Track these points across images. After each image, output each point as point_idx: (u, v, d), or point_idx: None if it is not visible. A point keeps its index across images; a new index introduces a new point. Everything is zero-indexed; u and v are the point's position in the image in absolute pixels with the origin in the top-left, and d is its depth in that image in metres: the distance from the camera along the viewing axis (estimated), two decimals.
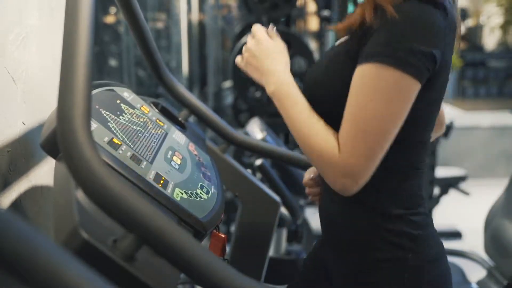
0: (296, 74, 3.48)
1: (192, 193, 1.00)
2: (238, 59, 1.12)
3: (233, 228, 1.93)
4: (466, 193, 3.89)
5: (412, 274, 0.99)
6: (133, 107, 1.16)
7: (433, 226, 1.05)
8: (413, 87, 0.89)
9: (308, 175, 1.24)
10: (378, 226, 1.00)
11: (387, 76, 0.88)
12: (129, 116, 1.10)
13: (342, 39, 1.04)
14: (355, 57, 0.94)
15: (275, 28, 1.12)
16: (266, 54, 1.06)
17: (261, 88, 3.39)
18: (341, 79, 0.97)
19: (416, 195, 1.03)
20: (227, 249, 1.23)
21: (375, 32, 0.91)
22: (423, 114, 0.97)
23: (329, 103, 0.99)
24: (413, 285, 0.99)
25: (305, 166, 1.54)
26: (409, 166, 1.01)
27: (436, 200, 3.82)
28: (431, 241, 1.02)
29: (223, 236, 1.10)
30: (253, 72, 1.08)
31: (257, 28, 1.10)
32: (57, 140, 0.68)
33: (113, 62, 3.98)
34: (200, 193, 1.04)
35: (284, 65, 1.05)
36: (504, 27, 9.92)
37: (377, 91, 0.88)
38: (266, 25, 3.81)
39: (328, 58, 1.05)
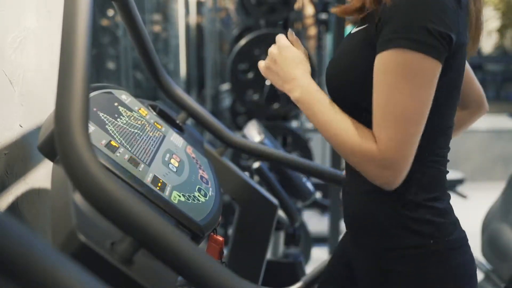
0: None
1: (189, 196, 1.00)
2: (261, 64, 1.12)
3: (230, 231, 1.93)
4: (463, 196, 3.90)
5: (435, 261, 0.99)
6: (131, 110, 1.16)
7: (454, 213, 1.05)
8: (435, 68, 0.90)
9: None
10: (399, 213, 1.00)
11: (408, 60, 0.88)
12: (127, 119, 1.09)
13: (357, 28, 1.04)
14: (373, 45, 0.95)
15: (294, 33, 1.13)
16: (287, 60, 1.07)
17: (259, 91, 3.41)
18: (359, 67, 0.98)
19: (437, 182, 1.03)
20: (225, 252, 1.23)
21: (388, 18, 0.91)
22: (442, 100, 0.97)
23: (350, 93, 1.01)
24: (436, 272, 0.99)
25: (303, 169, 1.54)
26: (431, 153, 1.01)
27: None
28: (452, 228, 1.02)
29: (220, 239, 1.10)
30: (275, 79, 1.09)
31: (280, 36, 1.12)
32: (54, 143, 0.68)
33: (111, 65, 3.98)
34: (198, 196, 1.04)
35: (303, 70, 1.06)
36: (501, 30, 9.96)
37: (401, 76, 0.89)
38: (264, 28, 3.79)
39: (344, 48, 1.06)
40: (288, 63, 1.06)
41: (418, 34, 0.88)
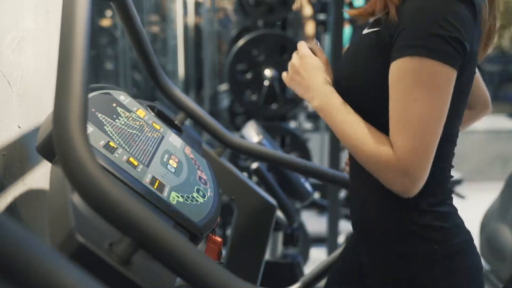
0: None
1: (188, 197, 1.00)
2: (284, 75, 1.13)
3: (229, 232, 1.93)
4: (461, 196, 3.90)
5: (442, 266, 1.00)
6: (129, 111, 1.16)
7: (458, 215, 1.06)
8: (451, 75, 0.90)
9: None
10: (404, 219, 1.01)
11: (425, 67, 0.88)
12: (125, 120, 1.09)
13: (368, 30, 1.04)
14: (385, 49, 0.95)
15: (318, 43, 1.14)
16: (307, 69, 1.07)
17: (257, 92, 3.41)
18: (371, 70, 0.99)
19: (442, 188, 1.04)
20: (223, 252, 1.23)
21: (402, 27, 0.92)
22: (451, 107, 0.96)
23: (358, 94, 1.01)
24: (445, 277, 1.00)
25: (301, 170, 1.54)
26: (438, 160, 1.00)
27: None
28: (458, 231, 1.03)
29: (219, 239, 1.10)
30: (297, 88, 1.10)
31: (301, 44, 1.12)
32: (53, 144, 0.68)
33: (109, 66, 3.98)
34: (196, 196, 1.03)
35: (323, 79, 1.05)
36: (499, 31, 9.97)
37: (418, 84, 0.89)
38: (262, 28, 3.78)
39: (354, 49, 1.07)
40: (308, 72, 1.07)
41: (434, 42, 0.88)
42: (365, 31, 1.05)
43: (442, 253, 1.00)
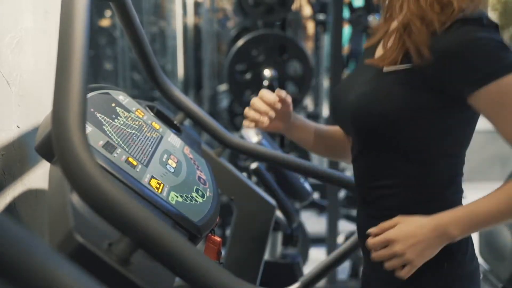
0: (292, 78, 3.50)
1: (187, 197, 1.00)
2: (402, 273, 0.98)
3: (228, 232, 1.93)
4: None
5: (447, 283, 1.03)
6: (128, 111, 1.16)
7: (471, 239, 1.09)
8: None
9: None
10: None
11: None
12: (124, 120, 1.09)
13: (392, 68, 1.02)
14: (426, 86, 0.98)
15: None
16: (408, 235, 0.97)
17: (257, 92, 3.40)
18: (401, 107, 1.00)
19: (458, 204, 1.07)
20: (223, 252, 1.23)
21: (456, 60, 0.95)
22: (471, 128, 1.08)
23: (386, 131, 1.03)
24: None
25: (301, 170, 1.54)
26: (454, 174, 1.07)
27: None
28: (469, 253, 1.06)
29: (218, 239, 1.10)
30: (428, 253, 0.98)
31: (376, 239, 1.01)
32: (52, 144, 0.68)
33: (108, 66, 3.98)
34: (196, 196, 1.03)
35: (428, 223, 0.98)
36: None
37: None
38: (261, 28, 3.76)
39: (379, 85, 1.04)
40: (412, 235, 0.97)
41: (503, 58, 0.93)
42: (387, 68, 1.03)
43: (449, 271, 1.03)
